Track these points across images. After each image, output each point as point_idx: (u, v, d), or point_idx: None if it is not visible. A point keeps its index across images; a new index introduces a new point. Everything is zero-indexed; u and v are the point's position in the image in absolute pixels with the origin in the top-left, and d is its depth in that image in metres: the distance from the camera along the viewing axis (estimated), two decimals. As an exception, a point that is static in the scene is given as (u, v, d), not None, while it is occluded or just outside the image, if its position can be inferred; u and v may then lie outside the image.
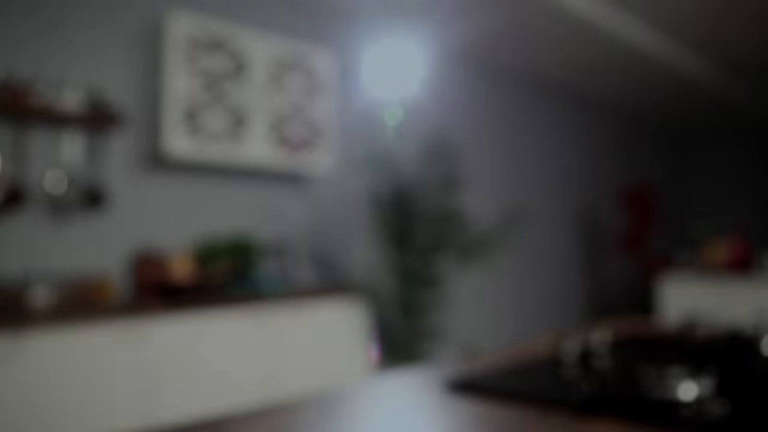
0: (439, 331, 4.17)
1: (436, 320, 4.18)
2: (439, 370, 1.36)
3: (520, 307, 5.88)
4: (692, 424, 0.92)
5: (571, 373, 1.26)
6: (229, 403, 2.79)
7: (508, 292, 5.76)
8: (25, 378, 2.47)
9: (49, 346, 2.55)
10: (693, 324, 1.57)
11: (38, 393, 2.50)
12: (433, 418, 1.03)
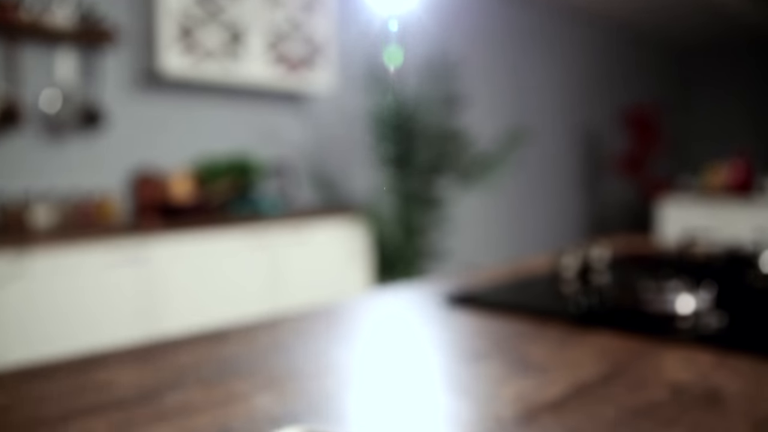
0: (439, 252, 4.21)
1: (436, 241, 4.20)
2: (438, 284, 1.37)
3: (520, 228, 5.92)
4: (689, 336, 0.93)
5: (570, 288, 1.26)
6: (230, 319, 2.83)
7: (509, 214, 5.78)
8: (29, 296, 2.51)
9: (51, 265, 2.57)
10: (692, 241, 1.57)
11: (42, 310, 2.54)
12: (433, 329, 1.04)
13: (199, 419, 0.66)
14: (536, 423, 0.63)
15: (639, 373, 0.79)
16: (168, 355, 0.91)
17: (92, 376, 0.82)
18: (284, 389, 0.75)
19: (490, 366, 0.82)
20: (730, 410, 0.66)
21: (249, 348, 0.94)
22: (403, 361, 0.85)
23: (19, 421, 0.67)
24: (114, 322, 2.72)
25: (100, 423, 0.66)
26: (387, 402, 0.71)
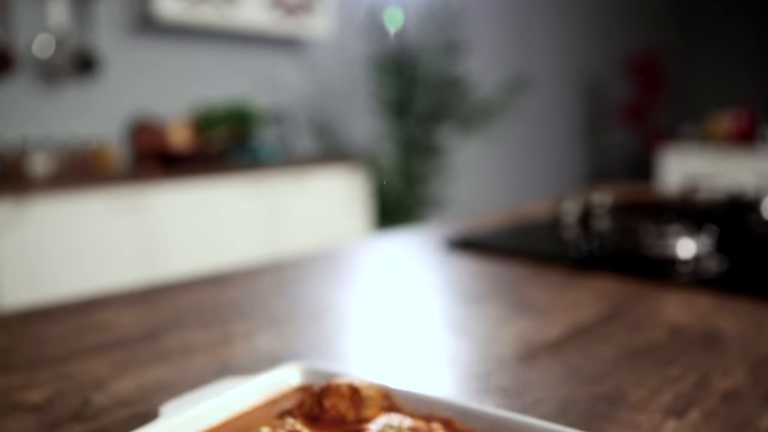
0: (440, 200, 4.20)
1: (436, 189, 4.19)
2: (438, 229, 1.37)
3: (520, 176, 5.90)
4: (689, 279, 0.93)
5: (570, 233, 1.26)
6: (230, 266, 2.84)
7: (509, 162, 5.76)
8: (29, 244, 2.51)
9: (51, 213, 2.57)
10: (694, 187, 1.56)
11: (42, 258, 2.55)
12: (433, 273, 1.04)
13: (199, 358, 0.66)
14: (536, 362, 0.64)
15: (638, 314, 0.79)
16: (169, 298, 0.91)
17: (93, 318, 0.82)
18: (284, 330, 0.75)
19: (490, 308, 0.83)
20: (728, 351, 0.66)
21: (249, 291, 0.94)
22: (403, 303, 0.86)
23: (20, 361, 0.67)
24: (114, 269, 2.73)
25: (101, 362, 0.66)
26: (387, 342, 0.71)
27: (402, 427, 0.39)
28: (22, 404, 0.57)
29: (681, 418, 0.51)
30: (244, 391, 0.45)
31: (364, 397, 0.42)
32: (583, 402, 0.55)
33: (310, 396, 0.43)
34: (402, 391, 0.44)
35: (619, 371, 0.61)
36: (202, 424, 0.42)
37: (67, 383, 0.61)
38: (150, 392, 0.58)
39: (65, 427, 0.52)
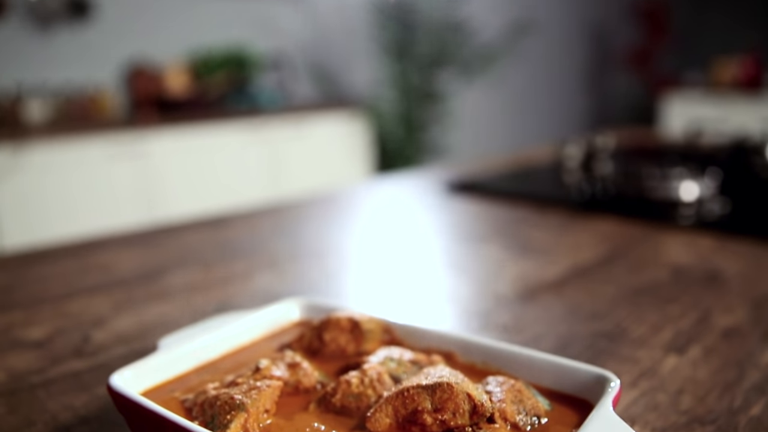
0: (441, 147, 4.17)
1: (437, 136, 4.16)
2: (439, 173, 1.36)
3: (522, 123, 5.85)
4: (692, 221, 0.93)
5: (573, 177, 1.25)
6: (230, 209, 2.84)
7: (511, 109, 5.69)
8: (28, 190, 2.50)
9: (48, 159, 2.55)
10: (699, 131, 1.54)
11: (41, 204, 2.55)
12: (433, 215, 1.03)
13: (199, 297, 0.66)
14: (536, 300, 0.64)
15: (640, 255, 0.78)
16: (169, 239, 0.90)
17: (94, 258, 0.82)
18: (284, 269, 0.75)
19: (491, 248, 0.82)
20: (729, 290, 0.66)
21: (250, 232, 0.93)
22: (403, 244, 0.85)
23: (22, 299, 0.67)
24: (113, 215, 2.73)
25: (102, 301, 0.66)
26: (387, 280, 0.71)
27: (402, 359, 0.39)
28: (23, 340, 0.57)
29: (681, 354, 0.51)
30: (243, 326, 0.45)
31: (365, 331, 0.42)
32: (583, 338, 0.55)
33: (310, 330, 0.43)
34: (402, 325, 0.43)
35: (619, 309, 0.61)
36: (201, 357, 0.42)
37: (68, 321, 0.61)
38: (150, 329, 0.58)
39: (65, 362, 0.52)
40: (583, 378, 0.36)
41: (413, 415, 0.32)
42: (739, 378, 0.47)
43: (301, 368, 0.38)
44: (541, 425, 0.34)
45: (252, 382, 0.35)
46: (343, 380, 0.36)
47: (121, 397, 0.35)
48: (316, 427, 0.34)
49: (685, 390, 0.46)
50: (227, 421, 0.33)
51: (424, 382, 0.33)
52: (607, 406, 0.32)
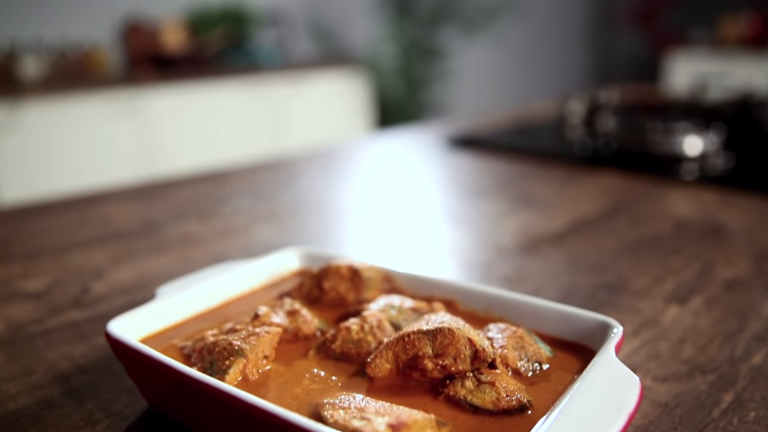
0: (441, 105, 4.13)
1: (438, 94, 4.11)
2: (440, 128, 1.34)
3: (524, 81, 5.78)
4: (695, 176, 0.92)
5: (575, 132, 1.23)
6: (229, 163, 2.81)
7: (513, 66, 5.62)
8: (25, 147, 2.48)
9: (45, 117, 2.52)
10: (704, 86, 1.52)
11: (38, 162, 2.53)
12: (434, 169, 1.02)
13: (198, 249, 0.66)
14: (537, 252, 0.63)
15: (642, 209, 0.78)
16: (168, 193, 0.90)
17: (92, 212, 0.81)
18: (284, 222, 0.74)
19: (492, 202, 0.82)
20: (732, 242, 0.66)
21: (249, 186, 0.93)
22: (403, 197, 0.85)
23: (20, 252, 0.67)
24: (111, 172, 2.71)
25: (100, 253, 0.66)
26: (388, 233, 0.70)
27: (403, 307, 0.38)
28: (22, 292, 0.56)
29: (683, 305, 0.51)
30: (242, 275, 0.44)
31: (365, 279, 0.42)
32: (584, 289, 0.54)
33: (310, 278, 0.43)
34: (403, 273, 0.43)
35: (621, 261, 0.61)
36: (200, 305, 0.41)
37: (66, 272, 0.61)
38: (149, 280, 0.58)
39: (64, 313, 0.52)
40: (585, 325, 0.36)
41: (414, 361, 0.32)
42: (741, 328, 0.47)
43: (300, 315, 0.37)
44: (543, 371, 0.33)
45: (251, 329, 0.35)
46: (342, 327, 0.36)
47: (119, 343, 0.34)
48: (315, 373, 0.34)
49: (687, 339, 0.45)
50: (226, 367, 0.32)
51: (425, 328, 0.32)
52: (609, 352, 0.32)
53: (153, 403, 0.37)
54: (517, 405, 0.30)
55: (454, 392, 0.31)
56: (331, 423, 0.27)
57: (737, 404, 0.38)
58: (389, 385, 0.32)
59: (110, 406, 0.38)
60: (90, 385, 0.41)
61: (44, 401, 0.39)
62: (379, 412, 0.27)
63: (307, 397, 0.31)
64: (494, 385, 0.30)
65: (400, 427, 0.26)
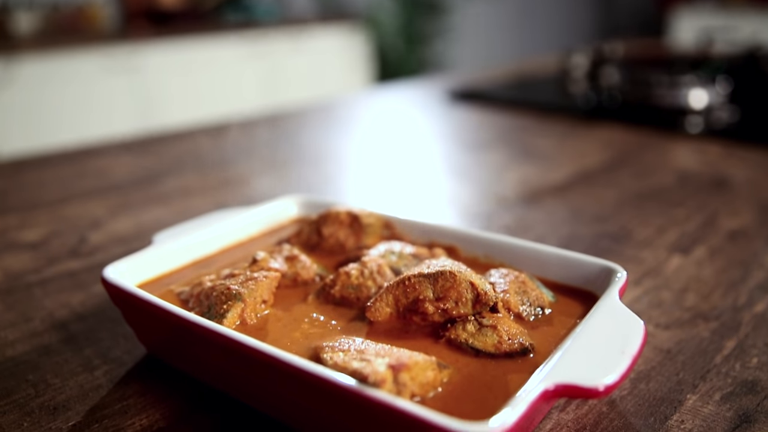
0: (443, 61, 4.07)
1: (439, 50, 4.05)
2: (441, 82, 1.32)
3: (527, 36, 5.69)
4: (700, 129, 0.90)
5: (579, 86, 1.22)
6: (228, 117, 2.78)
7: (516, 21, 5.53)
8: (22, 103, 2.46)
9: (41, 73, 2.49)
10: (710, 41, 1.49)
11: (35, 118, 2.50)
12: (435, 122, 1.01)
13: (196, 200, 0.65)
14: (539, 203, 0.63)
15: (645, 162, 0.77)
16: (165, 146, 0.88)
17: (90, 164, 0.80)
18: (283, 174, 0.74)
19: (493, 154, 0.81)
20: (736, 194, 0.65)
21: (248, 139, 0.91)
22: (403, 150, 0.83)
23: (17, 203, 0.66)
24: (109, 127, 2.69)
25: (98, 204, 0.65)
26: (388, 184, 0.69)
27: (403, 253, 0.38)
28: (19, 242, 0.56)
29: (686, 255, 0.51)
30: (240, 222, 0.44)
31: (364, 225, 0.41)
32: (587, 239, 0.54)
33: (308, 225, 0.42)
34: (403, 220, 0.42)
35: (624, 212, 0.60)
36: (197, 252, 0.41)
37: (64, 223, 0.60)
38: (147, 231, 0.57)
39: (62, 262, 0.51)
40: (588, 270, 0.35)
41: (414, 304, 0.31)
42: (744, 277, 0.47)
43: (299, 261, 0.37)
44: (545, 316, 0.33)
45: (249, 274, 0.34)
46: (342, 272, 0.35)
47: (115, 288, 0.34)
48: (314, 317, 0.33)
49: (690, 288, 0.45)
50: (224, 311, 0.32)
51: (426, 271, 0.32)
52: (613, 296, 0.31)
53: (151, 349, 0.37)
54: (519, 348, 0.30)
55: (455, 336, 0.30)
56: (330, 365, 0.27)
57: (740, 350, 0.37)
58: (389, 329, 0.32)
59: (108, 353, 0.38)
60: (88, 333, 0.40)
61: (42, 348, 0.39)
62: (380, 354, 0.27)
63: (306, 341, 0.31)
64: (496, 329, 0.30)
65: (401, 368, 0.26)
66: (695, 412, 0.32)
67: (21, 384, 0.35)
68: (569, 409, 0.32)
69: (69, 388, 0.35)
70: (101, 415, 0.32)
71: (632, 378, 0.34)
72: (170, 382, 0.34)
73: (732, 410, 0.32)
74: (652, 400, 0.33)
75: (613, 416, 0.31)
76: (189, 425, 0.31)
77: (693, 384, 0.34)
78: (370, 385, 0.24)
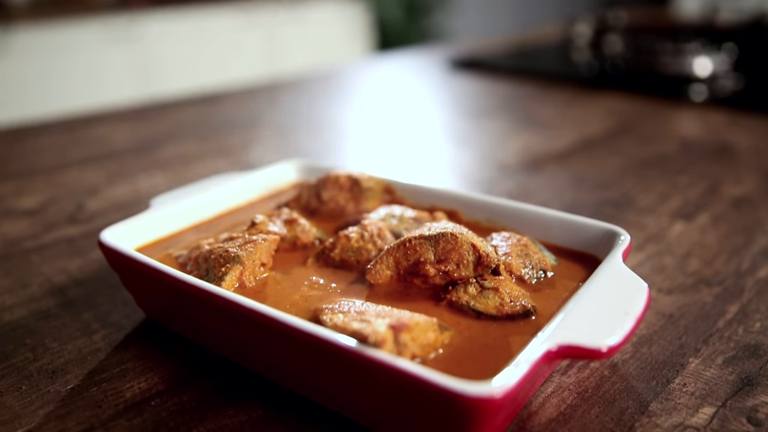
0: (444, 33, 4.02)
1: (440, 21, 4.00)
2: (442, 51, 1.31)
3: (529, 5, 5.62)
4: (705, 97, 0.89)
5: (582, 55, 1.20)
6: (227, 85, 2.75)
7: (517, -6, 5.45)
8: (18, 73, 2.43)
9: (37, 42, 2.46)
10: (715, 7, 1.47)
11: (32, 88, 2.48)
12: (436, 90, 1.00)
13: (194, 168, 0.64)
14: (541, 170, 0.62)
15: (649, 130, 0.76)
16: (165, 114, 0.87)
17: (88, 132, 0.79)
18: (282, 142, 0.73)
19: (495, 122, 0.80)
20: (740, 162, 0.64)
21: (246, 107, 0.90)
22: (404, 117, 0.82)
23: (15, 171, 0.66)
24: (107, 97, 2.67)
25: (95, 172, 0.64)
26: (388, 152, 0.69)
27: (404, 216, 0.37)
28: (16, 209, 0.55)
29: (689, 221, 0.50)
30: (238, 186, 0.43)
31: (364, 189, 0.40)
32: (589, 205, 0.53)
33: (308, 189, 0.42)
34: (404, 184, 0.42)
35: (626, 179, 0.59)
36: (196, 216, 0.40)
37: (61, 190, 0.59)
38: (145, 197, 0.56)
39: (59, 229, 0.51)
40: (591, 233, 0.35)
41: (415, 267, 0.31)
42: (748, 243, 0.46)
43: (298, 224, 0.36)
44: (548, 279, 0.33)
45: (247, 237, 0.34)
46: (342, 235, 0.35)
47: (112, 252, 0.33)
48: (314, 280, 0.33)
49: (693, 254, 0.45)
50: (222, 274, 0.32)
51: (427, 233, 0.31)
52: (617, 258, 0.31)
53: (150, 314, 0.37)
54: (521, 310, 0.29)
55: (457, 298, 0.30)
56: (330, 326, 0.26)
57: (742, 315, 0.37)
58: (389, 292, 0.31)
59: (107, 317, 0.38)
60: (86, 298, 0.40)
61: (40, 313, 0.39)
62: (380, 315, 0.27)
63: (305, 303, 0.30)
64: (498, 291, 0.30)
65: (402, 328, 0.25)
66: (697, 376, 0.31)
67: (19, 348, 0.35)
68: (571, 373, 0.32)
69: (67, 352, 0.34)
70: (100, 378, 0.32)
71: (634, 342, 0.34)
72: (169, 346, 0.34)
73: (734, 374, 0.32)
74: (654, 363, 0.32)
75: (615, 379, 0.31)
76: (188, 388, 0.31)
77: (695, 348, 0.34)
78: (371, 345, 0.24)
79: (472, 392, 0.21)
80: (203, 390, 0.31)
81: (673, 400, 0.30)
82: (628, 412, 0.29)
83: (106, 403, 0.30)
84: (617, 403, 0.30)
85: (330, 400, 0.28)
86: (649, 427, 0.28)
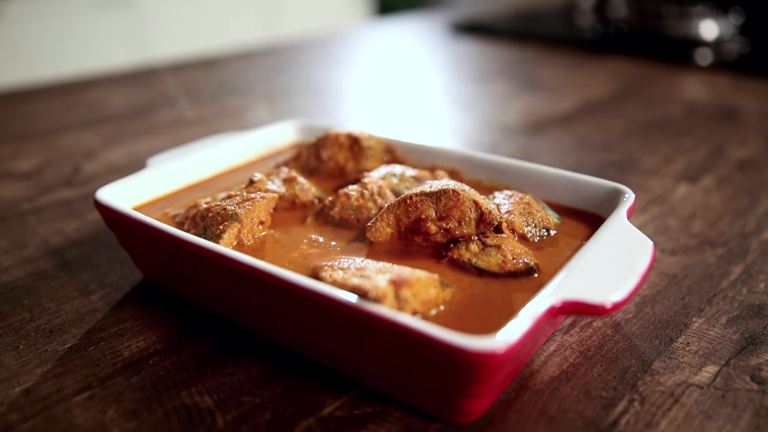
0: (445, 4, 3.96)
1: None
2: (443, 14, 1.28)
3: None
4: (710, 61, 0.88)
5: (586, 19, 1.18)
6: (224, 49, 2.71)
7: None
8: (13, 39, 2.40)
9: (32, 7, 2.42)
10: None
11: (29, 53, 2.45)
12: (437, 54, 0.98)
13: (191, 130, 0.63)
14: (544, 133, 0.61)
15: (653, 93, 0.75)
16: (161, 78, 0.86)
17: (83, 96, 0.78)
18: (280, 106, 0.72)
19: (497, 85, 0.78)
20: (745, 125, 0.63)
21: (244, 71, 0.89)
22: (405, 81, 0.81)
23: (10, 134, 0.65)
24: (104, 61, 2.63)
25: (91, 135, 0.63)
26: (388, 115, 0.68)
27: (405, 175, 0.36)
28: (11, 172, 0.55)
29: (694, 183, 0.49)
30: (236, 146, 0.42)
31: (365, 148, 0.40)
32: (593, 168, 0.53)
33: (307, 148, 0.41)
34: (405, 143, 0.41)
35: (630, 141, 0.59)
36: (193, 176, 0.40)
37: (57, 153, 0.59)
38: (141, 160, 0.55)
39: (56, 191, 0.50)
40: (594, 192, 0.34)
41: (416, 224, 0.30)
42: (752, 205, 0.46)
43: (297, 182, 0.36)
44: (551, 237, 0.32)
45: (245, 194, 0.33)
46: (342, 193, 0.34)
47: (108, 210, 0.33)
48: (313, 239, 0.32)
49: (697, 215, 0.44)
50: (220, 232, 0.31)
51: (428, 190, 0.30)
52: (621, 216, 0.30)
53: (147, 274, 0.36)
54: (524, 268, 0.29)
55: (458, 255, 0.29)
56: (329, 282, 0.26)
57: (747, 276, 0.37)
58: (390, 250, 0.31)
59: (104, 278, 0.37)
60: (83, 258, 0.40)
61: (37, 273, 0.38)
62: (380, 271, 0.26)
63: (304, 261, 0.30)
64: (500, 248, 0.29)
65: (402, 283, 0.25)
66: (701, 335, 0.31)
67: (16, 308, 0.35)
68: (573, 332, 0.31)
69: (65, 312, 0.34)
70: (98, 337, 0.32)
71: (637, 302, 0.34)
72: (167, 306, 0.34)
73: (738, 333, 0.31)
74: (657, 323, 0.32)
75: (617, 338, 0.31)
76: (187, 347, 0.31)
77: (699, 308, 0.33)
78: (371, 300, 0.23)
79: (474, 347, 0.21)
80: (202, 349, 0.30)
81: (676, 359, 0.29)
82: (631, 371, 0.29)
83: (104, 362, 0.30)
84: (620, 361, 0.29)
85: (329, 358, 0.28)
86: (652, 385, 0.28)
